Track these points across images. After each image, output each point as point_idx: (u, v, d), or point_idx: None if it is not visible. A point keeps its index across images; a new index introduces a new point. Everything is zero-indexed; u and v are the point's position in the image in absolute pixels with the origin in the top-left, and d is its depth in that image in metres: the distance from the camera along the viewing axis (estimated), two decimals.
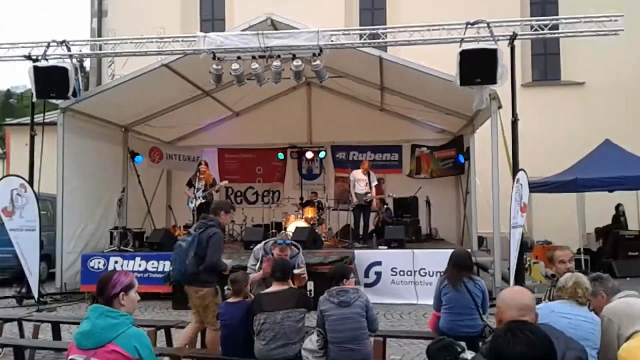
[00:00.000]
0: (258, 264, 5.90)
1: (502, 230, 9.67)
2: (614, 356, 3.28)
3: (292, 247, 5.98)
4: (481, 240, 12.38)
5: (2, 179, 10.54)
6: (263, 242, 6.01)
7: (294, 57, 9.91)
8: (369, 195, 11.76)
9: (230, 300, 5.14)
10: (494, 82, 9.06)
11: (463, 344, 4.99)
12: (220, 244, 5.77)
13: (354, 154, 15.69)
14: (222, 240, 5.84)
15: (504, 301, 2.68)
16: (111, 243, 11.61)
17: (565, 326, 3.06)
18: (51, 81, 9.90)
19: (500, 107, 9.89)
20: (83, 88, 11.10)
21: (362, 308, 4.69)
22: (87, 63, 18.05)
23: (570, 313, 3.50)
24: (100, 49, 11.29)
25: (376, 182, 12.16)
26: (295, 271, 5.78)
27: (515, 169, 9.44)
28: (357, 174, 11.95)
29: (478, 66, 8.94)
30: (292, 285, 5.23)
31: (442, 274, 5.84)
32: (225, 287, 5.30)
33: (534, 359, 1.85)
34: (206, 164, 12.27)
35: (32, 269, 9.96)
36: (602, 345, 3.62)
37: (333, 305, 4.66)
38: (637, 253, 12.72)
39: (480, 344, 4.99)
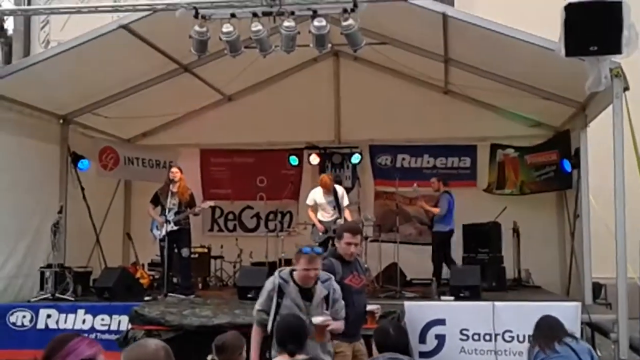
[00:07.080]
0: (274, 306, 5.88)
1: (630, 275, 9.55)
2: None
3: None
4: (598, 288, 12.22)
5: None
6: (278, 271, 6.02)
7: (314, 15, 9.93)
8: (339, 222, 11.86)
9: None
10: (618, 51, 8.97)
11: None
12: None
13: (403, 159, 15.75)
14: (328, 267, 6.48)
15: None
16: (42, 288, 11.73)
17: None
18: None
19: (627, 88, 9.81)
20: (3, 60, 11.25)
21: None
22: (9, 23, 18.29)
23: None
24: (28, 4, 11.46)
25: (347, 202, 12.58)
26: (316, 319, 5.75)
27: None
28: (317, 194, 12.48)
29: (593, 28, 8.88)
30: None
31: (530, 343, 5.94)
32: (209, 357, 5.22)
33: None
34: (180, 170, 12.34)
35: None
36: None
37: None
38: None
39: None
